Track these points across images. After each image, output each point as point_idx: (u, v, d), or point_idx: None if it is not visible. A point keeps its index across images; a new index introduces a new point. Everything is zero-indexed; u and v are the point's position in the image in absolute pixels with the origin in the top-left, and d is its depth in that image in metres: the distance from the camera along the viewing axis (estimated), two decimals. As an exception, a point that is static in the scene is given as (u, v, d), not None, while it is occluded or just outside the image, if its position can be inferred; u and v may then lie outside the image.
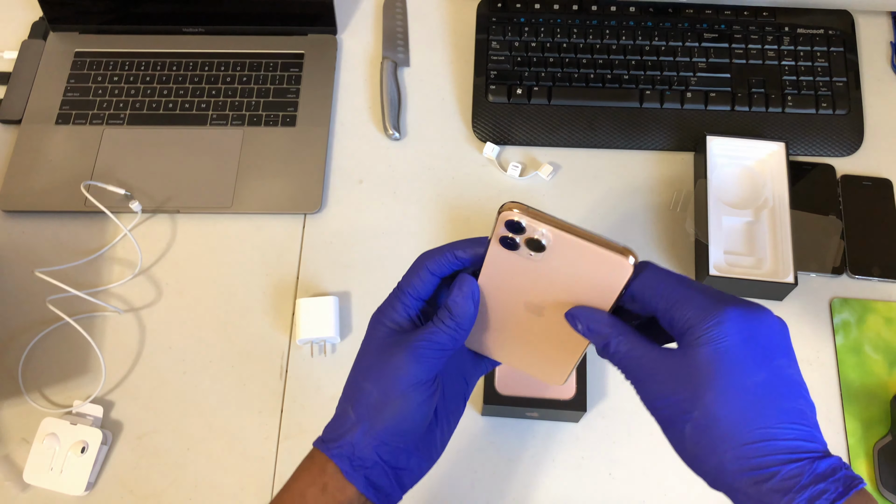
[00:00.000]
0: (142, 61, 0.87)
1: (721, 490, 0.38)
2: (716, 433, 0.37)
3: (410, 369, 0.42)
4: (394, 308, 0.44)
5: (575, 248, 0.39)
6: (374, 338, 0.44)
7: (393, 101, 0.85)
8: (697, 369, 0.37)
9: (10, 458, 0.69)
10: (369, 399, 0.43)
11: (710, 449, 0.37)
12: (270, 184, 0.80)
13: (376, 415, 0.42)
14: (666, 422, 0.39)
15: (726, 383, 0.37)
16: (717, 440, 0.37)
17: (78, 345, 0.73)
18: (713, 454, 0.37)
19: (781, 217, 0.74)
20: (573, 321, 0.42)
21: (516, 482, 0.68)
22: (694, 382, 0.37)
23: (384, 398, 0.42)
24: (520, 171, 0.81)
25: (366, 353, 0.44)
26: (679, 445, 0.39)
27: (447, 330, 0.43)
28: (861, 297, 0.75)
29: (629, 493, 0.68)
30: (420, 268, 0.44)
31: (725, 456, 0.37)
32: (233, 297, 0.76)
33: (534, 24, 0.87)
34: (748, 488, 0.36)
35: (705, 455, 0.37)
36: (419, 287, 0.44)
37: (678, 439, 0.39)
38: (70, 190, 0.79)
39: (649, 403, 0.40)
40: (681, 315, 0.38)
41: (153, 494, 0.68)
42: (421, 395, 0.42)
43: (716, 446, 0.37)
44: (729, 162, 0.79)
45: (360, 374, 0.44)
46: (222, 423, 0.71)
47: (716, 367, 0.37)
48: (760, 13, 0.87)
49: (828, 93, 0.83)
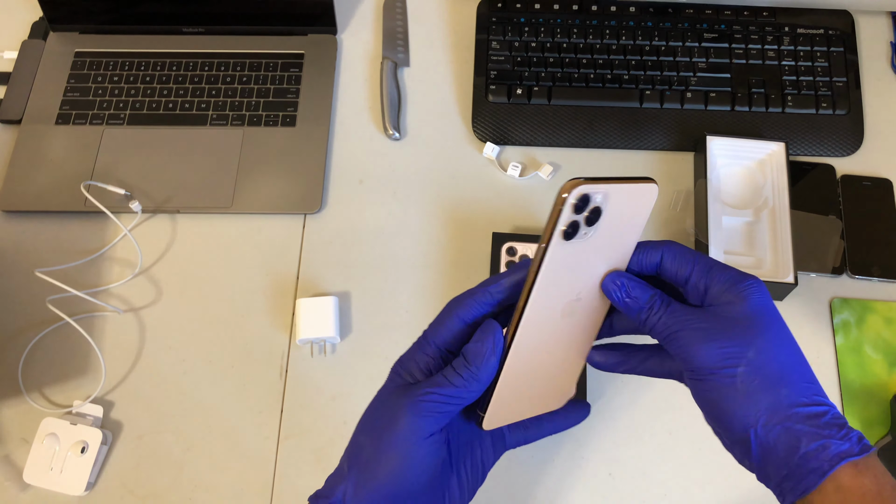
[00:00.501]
0: (142, 61, 0.87)
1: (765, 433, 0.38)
2: (772, 371, 0.38)
3: (408, 421, 0.39)
4: (412, 358, 0.41)
5: (622, 194, 0.39)
6: (386, 389, 0.41)
7: (393, 101, 0.85)
8: (748, 317, 0.39)
9: (10, 458, 0.69)
10: (363, 454, 0.40)
11: (765, 386, 0.38)
12: (270, 184, 0.80)
13: (368, 471, 0.39)
14: (710, 371, 0.39)
15: (777, 329, 0.40)
16: (773, 378, 0.38)
17: (78, 345, 0.73)
18: (768, 392, 0.38)
19: (781, 217, 0.74)
20: (612, 291, 0.41)
21: (516, 482, 0.68)
22: (745, 328, 0.39)
23: (377, 453, 0.39)
24: (520, 171, 0.81)
25: (372, 405, 0.42)
26: (722, 392, 0.39)
27: (458, 380, 0.39)
28: (861, 297, 0.75)
29: (629, 493, 0.68)
30: (448, 314, 0.41)
31: (781, 392, 0.38)
32: (233, 297, 0.76)
33: (534, 24, 0.87)
34: (804, 422, 0.38)
35: (759, 394, 0.38)
36: (444, 335, 0.41)
37: (723, 385, 0.39)
38: (70, 190, 0.79)
39: (693, 356, 0.39)
40: (718, 277, 0.41)
41: (153, 494, 0.68)
42: (419, 451, 0.39)
43: (772, 383, 0.38)
44: (729, 162, 0.79)
45: (360, 427, 0.41)
46: (222, 423, 0.71)
47: (767, 316, 0.40)
48: (760, 13, 0.87)
49: (828, 93, 0.83)
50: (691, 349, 0.39)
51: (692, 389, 0.41)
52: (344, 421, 0.70)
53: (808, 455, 0.37)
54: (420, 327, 0.73)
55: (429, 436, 0.39)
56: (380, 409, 0.41)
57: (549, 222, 0.37)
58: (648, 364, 0.45)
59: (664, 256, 0.42)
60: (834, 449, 0.37)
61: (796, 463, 0.37)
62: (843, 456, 0.37)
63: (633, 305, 0.41)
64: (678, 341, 0.40)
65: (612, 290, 0.41)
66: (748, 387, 0.38)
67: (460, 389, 0.39)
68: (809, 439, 0.37)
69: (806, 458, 0.37)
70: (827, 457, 0.37)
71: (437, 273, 0.77)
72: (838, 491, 0.37)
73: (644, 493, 0.68)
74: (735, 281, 0.40)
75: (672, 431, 0.70)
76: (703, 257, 0.42)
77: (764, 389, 0.38)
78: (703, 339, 0.39)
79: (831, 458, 0.37)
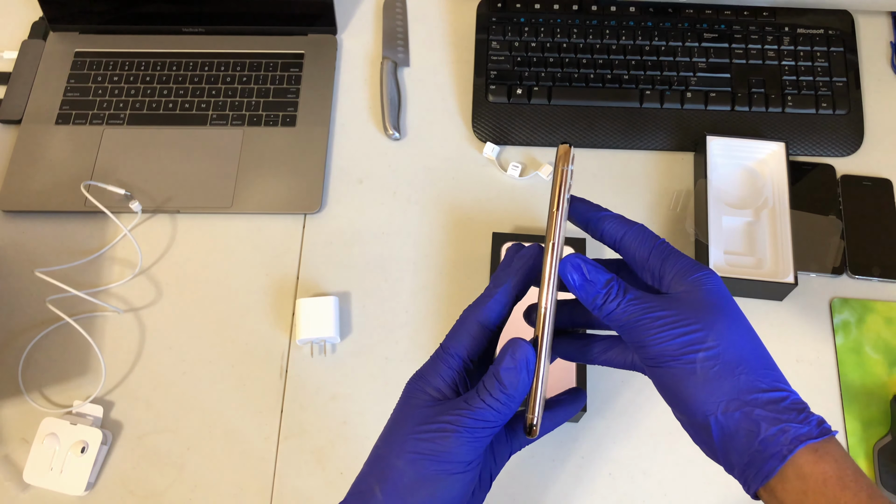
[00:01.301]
0: (142, 61, 0.87)
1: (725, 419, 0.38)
2: (731, 357, 0.38)
3: (453, 450, 0.38)
4: (437, 372, 0.40)
5: None
6: (410, 406, 0.39)
7: (393, 101, 0.85)
8: (705, 304, 0.39)
9: (10, 458, 0.69)
10: (402, 480, 0.38)
11: (724, 373, 0.38)
12: (270, 184, 0.80)
13: (409, 498, 0.38)
14: (669, 359, 0.39)
15: (735, 316, 0.40)
16: (732, 365, 0.38)
17: (78, 345, 0.73)
18: (727, 378, 0.38)
19: (781, 217, 0.74)
20: (568, 272, 0.40)
21: (516, 482, 0.68)
22: (703, 315, 0.39)
23: (420, 481, 0.38)
24: (520, 171, 0.81)
25: (400, 424, 0.39)
26: (682, 380, 0.39)
27: (496, 405, 0.38)
28: (861, 297, 0.75)
29: (629, 493, 0.68)
30: (466, 321, 0.40)
31: (740, 379, 0.38)
32: (233, 297, 0.76)
33: (534, 24, 0.87)
34: (763, 407, 0.38)
35: (718, 381, 0.38)
36: (466, 343, 0.40)
37: (682, 373, 0.38)
38: (70, 190, 0.79)
39: (652, 343, 0.39)
40: (674, 264, 0.41)
41: (153, 494, 0.68)
42: (462, 479, 0.38)
43: (732, 369, 0.38)
44: (729, 162, 0.79)
45: (392, 450, 0.39)
46: (222, 423, 0.71)
47: (723, 304, 0.40)
48: (760, 13, 0.87)
49: (828, 93, 0.83)
50: (649, 337, 0.39)
51: (652, 378, 0.40)
52: (344, 421, 0.70)
53: (767, 440, 0.37)
54: (420, 327, 0.73)
55: (473, 461, 0.38)
56: (416, 431, 0.38)
57: (557, 192, 0.40)
58: (610, 354, 0.44)
59: (626, 234, 0.42)
60: (793, 432, 0.37)
61: (756, 448, 0.37)
62: (802, 439, 0.37)
63: (589, 290, 0.40)
64: (636, 331, 0.39)
65: (569, 271, 0.40)
66: (707, 374, 0.38)
67: (499, 414, 0.38)
68: (769, 424, 0.37)
69: (765, 443, 0.37)
70: (786, 440, 0.37)
71: (437, 273, 0.77)
72: (799, 477, 0.36)
73: (644, 493, 0.68)
74: (690, 270, 0.41)
75: (672, 431, 0.70)
76: (665, 244, 0.42)
77: (723, 376, 0.38)
78: (660, 328, 0.39)
79: (790, 441, 0.37)
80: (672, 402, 0.40)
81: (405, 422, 0.39)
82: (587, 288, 0.40)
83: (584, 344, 0.45)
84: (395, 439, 0.39)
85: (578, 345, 0.45)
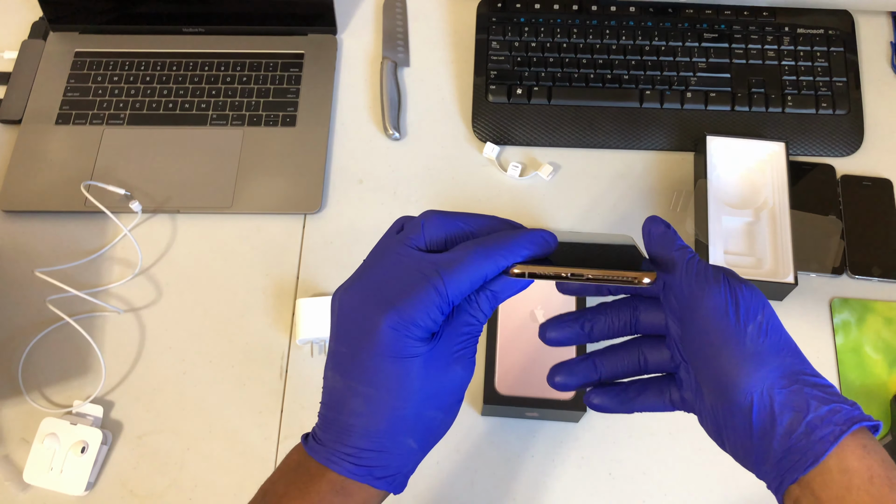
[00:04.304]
0: (142, 61, 0.87)
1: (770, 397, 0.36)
2: (778, 337, 0.37)
3: (466, 380, 0.39)
4: (429, 313, 0.37)
5: None
6: (408, 354, 0.37)
7: (393, 101, 0.85)
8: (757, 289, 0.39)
9: (10, 458, 0.69)
10: (434, 424, 0.39)
11: (773, 349, 0.37)
12: (270, 184, 0.80)
13: (439, 435, 0.40)
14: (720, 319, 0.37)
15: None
16: (780, 344, 0.37)
17: (78, 345, 0.73)
18: (776, 355, 0.37)
19: (781, 217, 0.74)
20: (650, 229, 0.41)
21: (516, 482, 0.68)
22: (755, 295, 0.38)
23: (449, 417, 0.40)
24: (520, 171, 0.81)
25: (413, 375, 0.38)
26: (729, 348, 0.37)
27: (482, 321, 0.39)
28: (861, 297, 0.75)
29: (629, 493, 0.68)
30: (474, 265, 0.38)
31: (787, 358, 0.37)
32: (233, 297, 0.76)
33: (534, 24, 0.87)
34: (813, 386, 0.36)
35: (767, 355, 0.37)
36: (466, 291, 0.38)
37: (731, 340, 0.37)
38: (70, 190, 0.79)
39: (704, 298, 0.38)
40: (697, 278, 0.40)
41: (153, 494, 0.68)
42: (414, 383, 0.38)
43: (779, 347, 0.37)
44: (729, 162, 0.79)
45: (422, 398, 0.38)
46: (222, 423, 0.71)
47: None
48: (760, 13, 0.87)
49: (828, 93, 0.83)
50: (704, 293, 0.37)
51: (695, 345, 0.38)
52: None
53: (816, 421, 0.34)
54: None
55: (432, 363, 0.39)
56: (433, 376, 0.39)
57: None
58: (647, 395, 0.43)
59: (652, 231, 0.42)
60: (846, 413, 0.35)
61: (803, 431, 0.35)
62: (857, 420, 0.34)
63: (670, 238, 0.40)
64: (693, 288, 0.38)
65: (651, 225, 0.41)
66: (757, 346, 0.36)
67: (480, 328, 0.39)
68: (819, 402, 0.35)
69: (814, 425, 0.34)
70: (839, 420, 0.34)
71: (437, 273, 0.77)
72: (843, 472, 0.34)
73: (644, 493, 0.68)
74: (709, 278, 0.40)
75: (672, 431, 0.70)
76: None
77: (771, 351, 0.36)
78: (716, 291, 0.37)
79: (844, 421, 0.34)
80: (710, 375, 0.38)
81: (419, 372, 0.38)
82: (667, 235, 0.40)
83: (621, 390, 0.44)
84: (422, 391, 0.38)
85: (614, 392, 0.44)
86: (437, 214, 0.40)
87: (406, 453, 0.39)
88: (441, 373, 0.38)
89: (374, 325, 0.37)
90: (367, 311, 0.38)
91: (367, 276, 0.39)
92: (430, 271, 0.37)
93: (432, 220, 0.40)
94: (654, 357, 0.43)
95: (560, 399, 0.66)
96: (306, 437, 0.42)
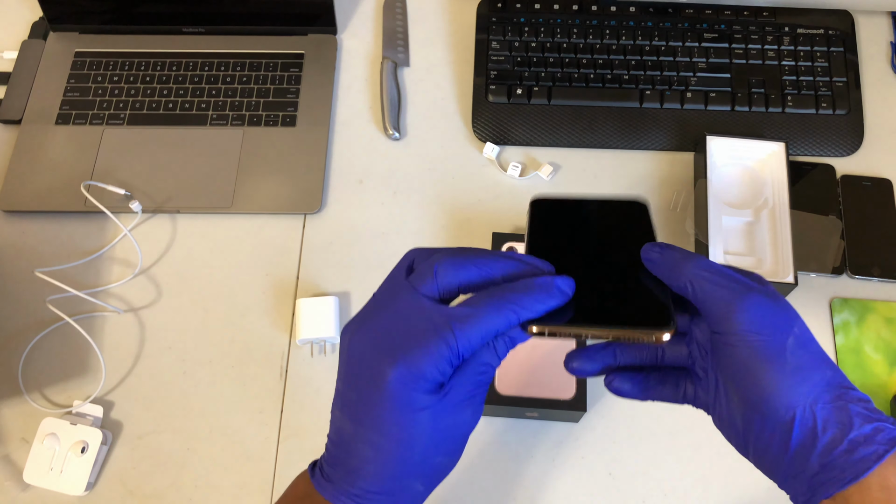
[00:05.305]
0: (142, 61, 0.87)
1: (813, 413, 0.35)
2: (815, 350, 0.37)
3: (473, 424, 0.39)
4: (438, 366, 0.36)
5: None
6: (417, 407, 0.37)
7: (393, 101, 0.85)
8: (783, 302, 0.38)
9: (10, 458, 0.69)
10: (441, 467, 0.39)
11: (813, 363, 0.36)
12: (270, 184, 0.80)
13: (445, 475, 0.40)
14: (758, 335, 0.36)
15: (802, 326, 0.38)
16: (819, 357, 0.36)
17: (78, 345, 0.73)
18: (817, 369, 0.36)
19: (781, 217, 0.74)
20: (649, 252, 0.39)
21: (516, 482, 0.68)
22: (786, 308, 0.37)
23: (455, 459, 0.40)
24: (520, 171, 0.81)
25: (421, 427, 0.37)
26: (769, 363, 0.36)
27: (495, 366, 0.39)
28: (861, 297, 0.75)
29: (629, 493, 0.68)
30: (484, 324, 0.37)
31: (828, 372, 0.36)
32: (233, 297, 0.76)
33: (534, 24, 0.87)
34: (856, 403, 0.36)
35: (810, 369, 0.36)
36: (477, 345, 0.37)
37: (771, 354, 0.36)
38: (70, 190, 0.79)
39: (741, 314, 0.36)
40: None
41: (153, 494, 0.68)
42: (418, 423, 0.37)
43: (819, 361, 0.36)
44: (729, 162, 0.79)
45: (430, 446, 0.38)
46: (222, 423, 0.71)
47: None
48: (760, 13, 0.87)
49: (828, 93, 0.83)
50: (739, 306, 0.36)
51: (727, 359, 0.37)
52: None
53: (859, 439, 0.34)
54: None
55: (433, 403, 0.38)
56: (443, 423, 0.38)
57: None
58: (666, 386, 0.42)
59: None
60: (889, 433, 0.34)
61: (845, 449, 0.34)
62: None
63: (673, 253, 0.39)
64: (723, 296, 0.37)
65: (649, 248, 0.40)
66: (798, 360, 0.35)
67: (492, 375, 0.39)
68: (863, 420, 0.34)
69: (856, 443, 0.34)
70: (884, 440, 0.34)
71: (437, 273, 0.77)
72: (884, 489, 0.33)
73: (644, 493, 0.68)
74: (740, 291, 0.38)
75: (672, 432, 0.70)
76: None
77: (812, 366, 0.36)
78: (753, 304, 0.36)
79: (888, 441, 0.34)
80: (746, 392, 0.36)
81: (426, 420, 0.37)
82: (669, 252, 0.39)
83: (643, 378, 0.43)
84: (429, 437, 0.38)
85: (637, 380, 0.43)
86: (450, 259, 0.39)
87: (413, 496, 0.40)
88: (450, 420, 0.38)
89: (382, 375, 0.36)
90: (375, 360, 0.37)
91: (376, 321, 0.39)
92: (443, 325, 0.36)
93: (445, 265, 0.39)
94: (672, 351, 0.43)
95: (560, 399, 0.66)
96: (313, 465, 0.42)
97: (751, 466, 0.39)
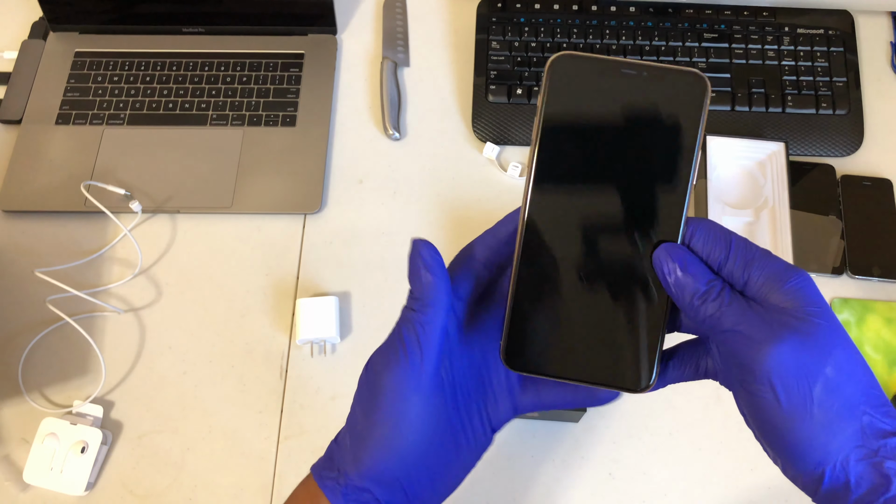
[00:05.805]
0: (142, 61, 0.87)
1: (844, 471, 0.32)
2: (849, 393, 0.32)
3: (387, 377, 0.37)
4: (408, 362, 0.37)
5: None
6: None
7: (393, 101, 0.85)
8: (815, 324, 0.32)
9: (10, 458, 0.69)
10: (355, 421, 0.38)
11: (845, 412, 0.32)
12: (270, 184, 0.80)
13: (362, 439, 0.37)
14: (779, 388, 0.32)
15: (843, 335, 0.33)
16: (853, 402, 0.32)
17: (78, 345, 0.73)
18: (850, 418, 0.32)
19: (781, 217, 0.74)
20: (662, 262, 0.34)
21: (516, 482, 0.68)
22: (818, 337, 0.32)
23: (369, 418, 0.37)
24: (520, 171, 0.81)
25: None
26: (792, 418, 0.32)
27: (413, 317, 0.36)
28: (861, 297, 0.75)
29: (629, 493, 0.68)
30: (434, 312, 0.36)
31: (863, 420, 0.32)
32: (233, 297, 0.76)
33: (534, 24, 0.87)
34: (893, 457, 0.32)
35: (841, 420, 0.32)
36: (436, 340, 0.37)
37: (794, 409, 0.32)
38: (70, 190, 0.79)
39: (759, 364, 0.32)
40: (761, 268, 0.34)
41: (153, 494, 0.68)
42: (407, 407, 0.36)
43: (853, 408, 0.32)
44: (729, 162, 0.79)
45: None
46: (222, 423, 0.71)
47: (829, 320, 0.33)
48: (760, 13, 0.87)
49: (828, 93, 0.83)
50: (757, 355, 0.32)
51: (747, 406, 0.34)
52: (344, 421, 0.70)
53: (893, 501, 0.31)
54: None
55: (415, 388, 0.36)
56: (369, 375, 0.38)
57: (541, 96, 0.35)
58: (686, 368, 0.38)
59: (694, 234, 0.36)
60: None
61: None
62: None
63: (687, 285, 0.34)
64: (738, 342, 0.33)
65: (663, 261, 0.35)
66: (826, 413, 0.32)
67: (418, 327, 0.36)
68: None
69: (892, 502, 0.31)
70: None
71: (437, 273, 0.77)
72: None
73: (644, 493, 0.68)
74: (783, 276, 0.33)
75: (672, 432, 0.70)
76: (742, 242, 0.35)
77: (844, 416, 0.32)
78: (773, 345, 0.32)
79: None
80: (770, 440, 0.33)
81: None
82: (683, 284, 0.34)
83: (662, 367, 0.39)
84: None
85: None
86: None
87: (342, 447, 0.39)
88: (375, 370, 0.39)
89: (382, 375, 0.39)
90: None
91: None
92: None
93: None
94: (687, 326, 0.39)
95: None
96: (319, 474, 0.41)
97: (751, 466, 0.39)
